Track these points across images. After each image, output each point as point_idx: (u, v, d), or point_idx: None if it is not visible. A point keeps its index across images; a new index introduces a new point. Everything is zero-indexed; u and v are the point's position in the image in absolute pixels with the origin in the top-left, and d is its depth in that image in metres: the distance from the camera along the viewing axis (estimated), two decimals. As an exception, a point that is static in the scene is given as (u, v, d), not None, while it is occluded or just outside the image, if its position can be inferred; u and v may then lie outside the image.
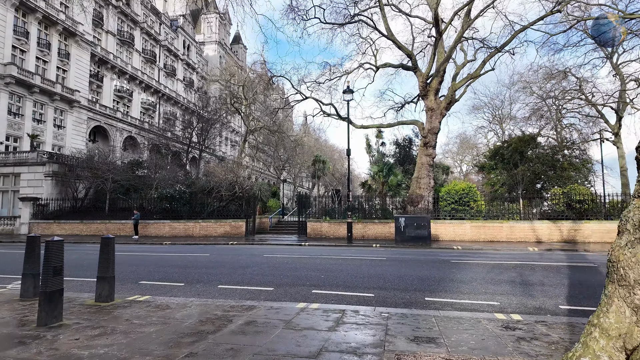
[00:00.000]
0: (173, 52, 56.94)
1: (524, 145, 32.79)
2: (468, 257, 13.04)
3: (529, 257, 13.18)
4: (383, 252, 14.97)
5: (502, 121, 54.09)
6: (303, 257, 12.38)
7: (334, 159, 65.50)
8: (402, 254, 13.71)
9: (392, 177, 24.45)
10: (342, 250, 15.64)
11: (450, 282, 7.88)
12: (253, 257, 12.65)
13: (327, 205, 23.65)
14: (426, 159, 22.59)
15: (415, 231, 18.31)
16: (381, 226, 21.31)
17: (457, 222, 20.77)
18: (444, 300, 6.37)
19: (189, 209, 23.71)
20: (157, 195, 23.77)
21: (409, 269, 9.58)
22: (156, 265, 10.50)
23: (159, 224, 23.31)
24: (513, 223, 20.30)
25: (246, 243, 18.99)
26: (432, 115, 22.49)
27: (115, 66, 43.38)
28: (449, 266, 10.27)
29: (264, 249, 16.20)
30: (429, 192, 22.35)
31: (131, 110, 46.86)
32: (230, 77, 44.08)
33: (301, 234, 22.58)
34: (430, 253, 14.37)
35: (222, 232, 22.51)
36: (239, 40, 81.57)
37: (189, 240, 20.10)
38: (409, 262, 11.00)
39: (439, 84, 22.75)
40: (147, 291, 7.16)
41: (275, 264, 10.76)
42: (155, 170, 27.08)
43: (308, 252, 14.64)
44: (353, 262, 11.07)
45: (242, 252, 14.60)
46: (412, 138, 31.32)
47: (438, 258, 12.33)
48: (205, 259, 12.20)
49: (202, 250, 15.15)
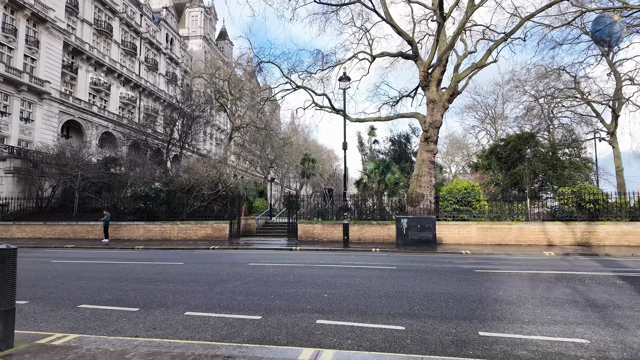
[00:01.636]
0: (155, 46, 54.24)
1: (523, 144, 31.45)
2: (487, 264, 11.21)
3: (557, 264, 11.42)
4: (387, 258, 13.03)
5: (495, 120, 53.06)
6: (297, 267, 10.34)
7: (323, 159, 63.56)
8: (411, 261, 11.80)
9: (390, 175, 22.57)
10: (340, 256, 13.65)
11: (496, 304, 5.96)
12: (236, 266, 10.55)
13: (319, 205, 21.64)
14: (427, 155, 20.78)
15: (419, 234, 16.45)
16: (379, 228, 19.40)
17: (462, 223, 19.02)
18: (507, 337, 4.44)
19: (166, 209, 21.40)
20: (131, 194, 21.41)
21: (433, 284, 7.64)
22: (114, 279, 8.33)
23: (132, 226, 20.94)
24: (522, 224, 18.64)
25: (230, 247, 16.84)
26: (434, 107, 20.72)
27: (91, 57, 40.60)
28: (477, 278, 8.38)
29: (249, 255, 14.09)
30: (430, 191, 20.55)
31: (109, 104, 44.07)
32: (214, 71, 41.73)
33: (291, 236, 20.53)
34: (442, 260, 12.49)
35: (203, 235, 20.28)
36: (225, 36, 79.06)
37: (165, 245, 17.84)
38: (427, 273, 9.07)
39: (441, 74, 20.99)
40: (82, 323, 5.04)
41: (263, 276, 8.70)
42: (131, 168, 24.69)
43: (301, 258, 12.61)
44: (359, 273, 9.08)
45: (224, 259, 12.48)
46: (408, 134, 29.57)
47: (456, 267, 10.44)
48: (178, 269, 10.06)
49: (177, 257, 12.97)
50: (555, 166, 29.08)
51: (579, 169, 29.69)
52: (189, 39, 67.22)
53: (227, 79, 39.36)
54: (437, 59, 20.80)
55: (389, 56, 22.80)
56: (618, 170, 36.04)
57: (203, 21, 68.02)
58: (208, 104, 39.53)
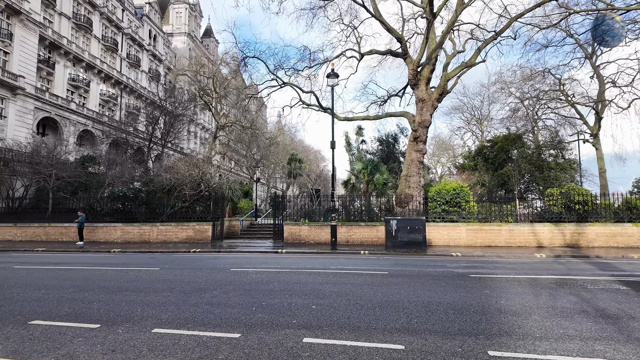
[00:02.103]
0: (137, 42, 52.76)
1: (510, 144, 31.43)
2: (481, 268, 10.76)
3: (552, 267, 11.04)
4: (377, 261, 12.48)
5: (481, 122, 53.30)
6: (282, 272, 9.68)
7: (310, 160, 62.90)
8: (402, 265, 11.26)
9: (378, 175, 22.08)
10: (328, 259, 13.03)
11: (501, 316, 5.42)
12: (217, 272, 9.83)
13: (306, 206, 20.99)
14: (416, 155, 20.36)
15: (408, 235, 15.97)
16: (368, 230, 18.88)
17: (452, 225, 18.64)
18: (520, 357, 3.89)
19: (145, 210, 20.45)
20: (109, 194, 20.38)
21: (429, 291, 7.09)
22: (79, 288, 7.53)
23: (109, 228, 19.93)
24: (512, 226, 18.36)
25: (212, 251, 16.06)
26: (423, 106, 20.32)
27: (69, 52, 39.09)
28: (475, 284, 7.87)
29: (232, 258, 13.36)
30: (419, 191, 20.13)
31: (88, 101, 42.55)
32: (199, 68, 40.66)
33: (277, 238, 19.83)
34: (434, 263, 12.00)
35: (184, 237, 19.42)
36: (210, 34, 77.70)
37: (144, 247, 16.94)
38: (420, 279, 8.53)
39: (431, 72, 20.61)
40: (28, 345, 4.30)
41: (245, 283, 8.02)
42: (110, 167, 23.61)
43: (287, 263, 11.95)
44: (348, 280, 8.48)
45: (205, 264, 11.73)
46: (396, 134, 29.14)
47: (449, 271, 9.94)
48: (152, 275, 9.29)
49: (154, 262, 12.16)
50: (541, 167, 29.09)
51: (564, 170, 29.78)
52: (173, 36, 65.76)
53: (211, 76, 38.37)
54: (427, 58, 20.42)
55: (377, 54, 22.32)
56: (601, 171, 36.39)
57: (187, 18, 66.65)
58: (192, 102, 38.44)
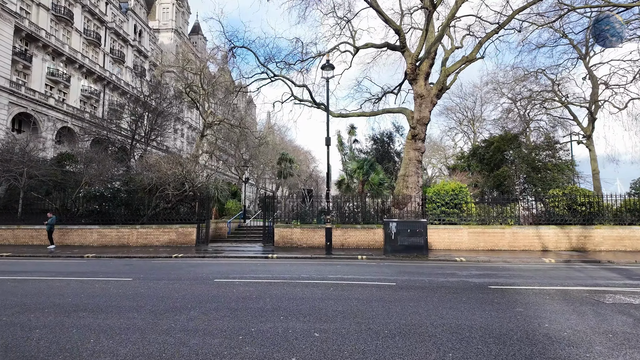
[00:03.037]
0: (122, 37, 50.86)
1: (506, 145, 30.68)
2: (495, 276, 9.67)
3: (574, 275, 10.00)
4: (378, 269, 11.31)
5: (474, 122, 52.74)
6: (274, 284, 8.42)
7: (300, 160, 61.62)
8: (409, 274, 10.10)
9: (374, 175, 20.95)
10: (324, 266, 11.81)
11: (555, 347, 4.26)
12: (198, 283, 8.53)
13: (298, 207, 19.73)
14: (414, 153, 19.29)
15: (409, 239, 14.86)
16: (364, 233, 17.73)
17: (453, 227, 17.60)
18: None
19: (125, 211, 18.97)
20: (84, 194, 18.83)
21: (452, 310, 5.92)
22: (24, 307, 6.16)
23: (84, 231, 18.39)
24: (516, 229, 17.40)
25: (195, 256, 14.70)
26: (422, 102, 19.27)
27: (48, 45, 37.18)
28: (501, 299, 6.73)
29: (217, 266, 12.05)
30: (417, 192, 19.06)
31: (69, 97, 40.64)
32: (185, 64, 39.07)
33: (267, 242, 18.55)
34: (441, 270, 10.87)
35: (166, 240, 17.99)
36: (198, 31, 75.92)
37: (121, 252, 15.48)
38: (435, 292, 7.37)
39: (430, 67, 19.58)
40: None
41: (230, 300, 6.75)
42: (87, 164, 22.04)
43: (279, 270, 10.70)
44: (352, 294, 7.26)
45: (185, 272, 10.41)
46: (392, 133, 28.02)
47: (463, 281, 8.81)
48: (122, 288, 7.95)
49: (128, 270, 10.79)
50: (537, 168, 28.41)
51: (562, 171, 29.18)
52: (159, 32, 63.91)
53: (198, 72, 36.86)
54: (426, 51, 19.39)
55: (374, 47, 21.21)
56: (595, 173, 35.96)
57: (175, 14, 64.87)
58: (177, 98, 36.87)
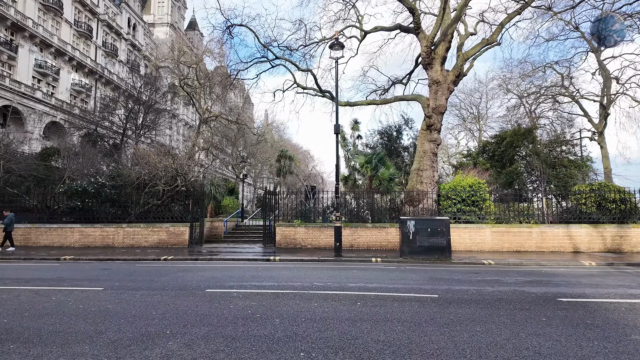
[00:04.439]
0: (115, 30, 48.98)
1: (519, 140, 29.04)
2: (550, 283, 7.95)
3: (637, 282, 8.30)
4: (402, 274, 9.55)
5: (479, 119, 51.11)
6: (282, 296, 6.64)
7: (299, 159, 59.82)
8: (446, 281, 8.36)
9: (384, 169, 19.21)
10: (337, 270, 10.05)
11: None
12: (184, 295, 6.73)
13: (301, 205, 17.93)
14: (430, 145, 17.57)
15: (429, 239, 13.12)
16: (375, 232, 15.97)
17: (474, 226, 15.88)
18: None
19: (111, 208, 17.15)
20: (65, 189, 16.99)
21: (542, 338, 4.17)
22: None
23: (65, 230, 16.55)
24: (544, 228, 15.69)
25: (187, 258, 12.90)
26: (438, 89, 17.56)
27: (35, 35, 35.27)
28: (592, 318, 4.99)
29: (211, 271, 10.26)
30: (432, 187, 17.34)
31: (58, 91, 38.72)
32: (180, 56, 37.24)
33: (267, 242, 16.77)
34: (479, 277, 9.14)
35: (155, 241, 16.17)
36: (194, 27, 74.03)
37: (104, 254, 13.65)
38: (496, 307, 5.63)
39: (446, 51, 17.89)
40: None
41: (225, 321, 4.96)
42: (70, 158, 20.20)
43: (285, 276, 8.94)
44: (389, 311, 5.49)
45: (172, 279, 8.62)
46: (400, 126, 26.19)
47: (518, 290, 7.07)
48: (85, 301, 6.16)
49: (103, 277, 8.99)
50: (554, 164, 26.79)
51: (579, 168, 27.59)
52: (154, 27, 62.05)
53: (194, 64, 35.08)
54: (442, 34, 17.68)
55: (383, 30, 19.48)
56: (607, 170, 34.40)
57: (170, 8, 63.06)
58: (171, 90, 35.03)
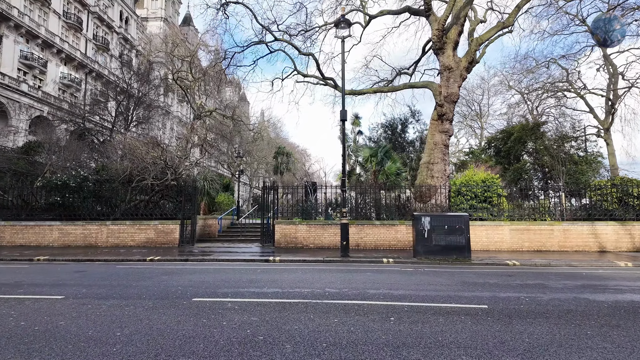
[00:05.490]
0: (106, 23, 47.34)
1: (527, 135, 27.83)
2: (605, 288, 6.65)
3: None
4: (425, 277, 8.21)
5: (481, 116, 49.99)
6: (290, 306, 5.27)
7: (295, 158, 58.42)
8: (482, 286, 7.03)
9: (390, 163, 17.87)
10: (349, 273, 8.69)
11: None
12: (165, 307, 5.33)
13: (302, 201, 16.53)
14: (441, 137, 16.26)
15: (446, 238, 11.78)
16: (384, 230, 14.63)
17: (492, 224, 14.58)
18: None
19: (94, 204, 15.67)
20: (44, 183, 15.49)
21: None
22: None
23: (43, 227, 15.05)
24: (567, 225, 14.43)
25: (176, 259, 11.48)
26: (450, 76, 16.26)
27: (20, 25, 33.61)
28: None
29: (202, 274, 8.86)
30: (444, 182, 16.04)
31: (45, 84, 37.05)
32: (173, 48, 35.75)
33: (266, 241, 15.37)
34: (517, 279, 7.82)
35: (142, 240, 14.71)
36: (189, 22, 72.23)
37: (84, 254, 12.19)
38: (567, 319, 4.31)
39: (459, 35, 16.61)
40: None
41: (214, 346, 3.58)
42: (51, 150, 18.70)
43: (290, 281, 7.57)
44: (442, 334, 4.13)
45: (154, 284, 7.22)
46: (406, 118, 24.81)
47: (583, 299, 5.76)
48: (27, 319, 4.75)
49: (75, 280, 7.57)
50: (564, 160, 25.62)
51: (590, 164, 26.45)
52: (147, 21, 60.46)
53: (189, 56, 33.61)
54: (454, 17, 16.40)
55: (390, 14, 18.15)
56: (613, 168, 33.29)
57: (164, 2, 61.54)
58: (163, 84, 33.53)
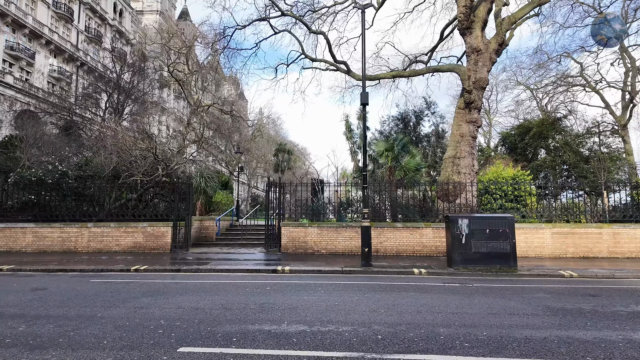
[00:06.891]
0: (99, 14, 45.24)
1: (547, 130, 26.05)
2: None
3: None
4: (488, 299, 6.31)
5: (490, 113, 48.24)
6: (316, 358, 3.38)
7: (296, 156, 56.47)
8: (585, 316, 5.14)
9: (409, 158, 15.95)
10: (383, 293, 6.77)
11: None
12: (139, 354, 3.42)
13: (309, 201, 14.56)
14: (468, 127, 14.39)
15: (487, 243, 9.88)
16: (407, 234, 12.73)
17: (530, 226, 12.70)
18: None
19: (74, 204, 13.71)
20: (16, 179, 13.49)
21: None
22: None
23: (15, 230, 13.06)
24: (617, 228, 12.58)
25: (167, 269, 9.53)
26: (479, 59, 14.39)
27: (6, 14, 31.53)
28: None
29: (194, 293, 6.92)
30: (472, 179, 14.17)
31: (33, 77, 34.98)
32: (169, 39, 33.79)
33: (270, 246, 13.42)
34: (592, 297, 5.93)
35: (129, 244, 12.75)
36: (186, 16, 70.19)
37: (58, 262, 10.22)
38: None
39: (488, 13, 14.73)
40: None
41: None
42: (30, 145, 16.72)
43: (313, 307, 5.67)
44: None
45: (125, 314, 5.27)
46: (422, 111, 22.82)
47: None
48: None
49: (26, 305, 5.63)
50: (586, 157, 23.90)
51: (614, 162, 24.78)
52: (143, 14, 58.40)
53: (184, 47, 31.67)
54: (482, -7, 14.55)
55: (409, -8, 16.30)
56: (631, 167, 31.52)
57: (161, -5, 59.39)
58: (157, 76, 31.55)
